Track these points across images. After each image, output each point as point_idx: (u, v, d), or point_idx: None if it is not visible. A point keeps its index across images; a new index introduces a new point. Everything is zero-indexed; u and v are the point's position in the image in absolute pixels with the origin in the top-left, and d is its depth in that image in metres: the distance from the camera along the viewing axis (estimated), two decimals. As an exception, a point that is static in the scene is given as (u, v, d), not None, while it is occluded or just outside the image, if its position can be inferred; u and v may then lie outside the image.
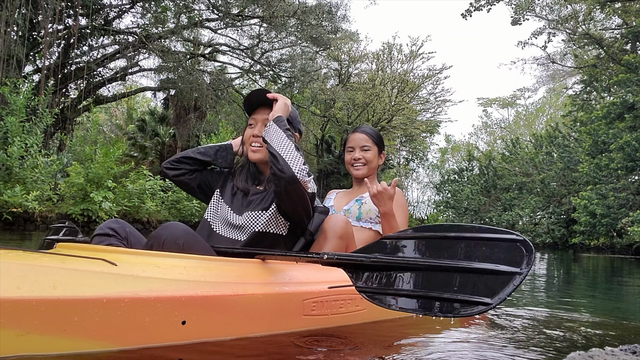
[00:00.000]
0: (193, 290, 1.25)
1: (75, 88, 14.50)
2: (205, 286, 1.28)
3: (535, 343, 1.68)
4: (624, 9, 14.72)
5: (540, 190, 17.45)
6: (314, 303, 1.53)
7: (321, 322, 1.57)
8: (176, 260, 1.33)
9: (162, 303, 1.19)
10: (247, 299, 1.35)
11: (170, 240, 1.45)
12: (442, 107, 24.05)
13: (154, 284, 1.20)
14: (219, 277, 1.34)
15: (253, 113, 1.81)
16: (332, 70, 21.84)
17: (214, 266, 1.39)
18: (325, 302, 1.58)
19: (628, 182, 12.09)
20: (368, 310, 1.74)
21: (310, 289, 1.54)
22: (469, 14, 16.01)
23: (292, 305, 1.48)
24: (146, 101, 28.03)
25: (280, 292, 1.46)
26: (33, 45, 12.03)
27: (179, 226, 1.51)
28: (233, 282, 1.35)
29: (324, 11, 15.52)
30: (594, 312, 2.70)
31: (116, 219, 1.69)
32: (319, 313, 1.55)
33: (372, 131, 2.44)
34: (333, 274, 1.64)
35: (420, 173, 34.06)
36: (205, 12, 15.23)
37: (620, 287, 4.61)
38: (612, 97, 13.91)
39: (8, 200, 7.77)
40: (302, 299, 1.50)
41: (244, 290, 1.36)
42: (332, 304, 1.60)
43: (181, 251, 1.42)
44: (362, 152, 2.37)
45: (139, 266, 1.24)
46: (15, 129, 8.12)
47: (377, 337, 1.65)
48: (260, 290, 1.40)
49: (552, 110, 32.12)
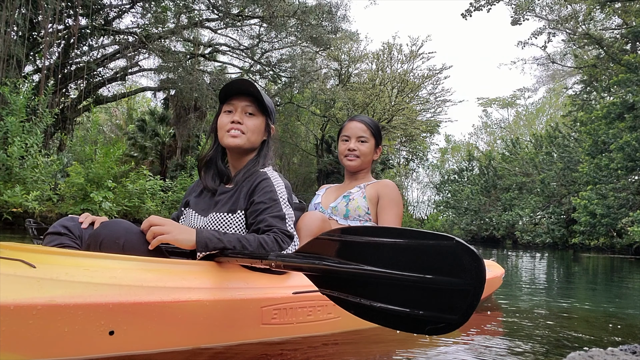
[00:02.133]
0: (124, 296, 1.10)
1: (75, 88, 14.50)
2: (140, 291, 1.14)
3: (535, 343, 1.68)
4: (624, 9, 14.71)
5: (540, 190, 17.44)
6: (275, 310, 1.38)
7: (285, 331, 1.42)
8: (110, 262, 1.19)
9: (84, 310, 1.05)
10: (191, 306, 1.21)
11: (109, 239, 1.32)
12: (442, 107, 24.07)
13: (76, 288, 1.06)
14: (159, 282, 1.20)
15: (230, 99, 1.71)
16: (332, 70, 21.84)
17: (155, 269, 1.24)
18: (289, 309, 1.42)
19: (628, 182, 12.08)
20: (343, 319, 1.57)
21: (270, 295, 1.39)
22: (469, 14, 16.01)
23: (247, 313, 1.33)
24: (146, 101, 28.03)
25: (232, 298, 1.30)
26: (33, 45, 12.03)
27: (120, 224, 1.37)
28: (175, 286, 1.21)
29: (324, 11, 15.51)
30: (594, 312, 2.70)
31: (71, 216, 1.56)
32: (282, 321, 1.40)
33: (371, 122, 2.28)
34: (299, 278, 1.48)
35: (420, 173, 34.07)
36: (205, 12, 15.24)
37: (620, 287, 4.61)
38: (612, 97, 13.90)
39: (8, 200, 7.77)
40: (260, 305, 1.35)
41: (187, 296, 1.21)
42: (298, 312, 1.45)
43: (121, 252, 1.29)
44: (358, 143, 2.21)
45: (63, 268, 1.11)
46: (15, 129, 8.12)
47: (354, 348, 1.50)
48: (208, 296, 1.25)
49: (552, 110, 32.12)
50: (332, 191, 2.31)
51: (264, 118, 1.72)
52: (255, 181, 1.62)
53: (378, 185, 2.17)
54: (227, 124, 1.68)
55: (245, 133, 1.67)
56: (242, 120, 1.67)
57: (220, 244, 1.38)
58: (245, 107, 1.68)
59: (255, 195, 1.58)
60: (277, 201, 1.55)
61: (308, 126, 23.33)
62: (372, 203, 2.12)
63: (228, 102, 1.71)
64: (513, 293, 3.41)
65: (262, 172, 1.66)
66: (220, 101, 1.74)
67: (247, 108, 1.68)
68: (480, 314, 2.33)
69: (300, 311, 1.46)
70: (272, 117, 1.77)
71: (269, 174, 1.65)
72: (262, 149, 1.75)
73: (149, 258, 1.28)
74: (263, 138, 1.75)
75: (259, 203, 1.54)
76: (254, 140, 1.70)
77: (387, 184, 2.16)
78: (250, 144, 1.69)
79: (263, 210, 1.52)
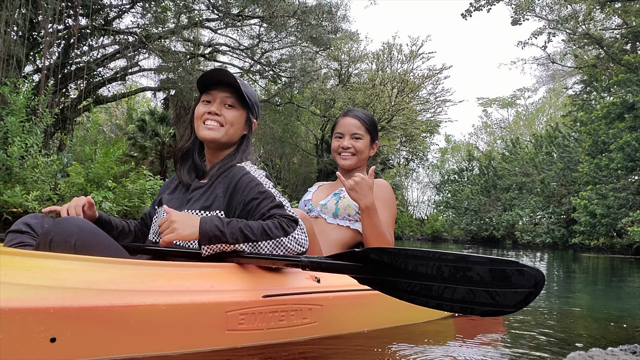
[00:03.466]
0: (69, 300, 1.01)
1: (75, 88, 14.50)
2: (87, 295, 1.05)
3: (535, 343, 1.68)
4: (624, 9, 14.71)
5: (540, 190, 17.44)
6: (242, 315, 1.28)
7: (253, 338, 1.32)
8: (55, 262, 1.10)
9: (22, 315, 0.96)
10: (145, 311, 1.11)
11: (60, 238, 1.22)
12: (442, 107, 24.08)
13: (14, 291, 0.98)
14: (110, 284, 1.10)
15: (209, 89, 1.61)
16: (332, 70, 21.85)
17: (107, 270, 1.14)
18: (259, 314, 1.31)
19: (628, 182, 12.08)
20: (321, 324, 1.48)
21: (237, 299, 1.28)
22: (469, 14, 16.01)
23: (209, 318, 1.22)
24: (146, 101, 28.04)
25: (192, 303, 1.19)
26: (33, 45, 12.03)
27: (72, 221, 1.27)
28: (128, 289, 1.11)
29: (324, 11, 15.51)
30: (593, 311, 2.70)
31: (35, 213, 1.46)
32: (250, 327, 1.29)
33: (366, 116, 2.14)
34: (271, 280, 1.41)
35: (420, 173, 34.03)
36: (205, 12, 15.24)
37: (620, 287, 4.61)
38: (612, 97, 13.90)
39: (8, 200, 7.77)
40: (225, 310, 1.25)
41: (140, 300, 1.11)
42: (269, 316, 1.34)
43: (73, 252, 1.20)
44: (353, 140, 2.09)
45: (1, 269, 1.03)
46: (15, 129, 8.12)
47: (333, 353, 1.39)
48: (165, 299, 1.15)
49: (552, 110, 32.12)
50: (325, 188, 2.22)
51: (244, 111, 1.63)
52: (235, 177, 1.51)
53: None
54: (203, 114, 1.58)
55: (223, 125, 1.57)
56: (220, 112, 1.57)
57: (222, 237, 1.31)
58: (224, 98, 1.58)
59: (242, 193, 1.47)
60: (266, 192, 1.46)
61: (308, 126, 23.33)
62: None
63: (207, 92, 1.60)
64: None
65: (240, 166, 1.56)
66: (200, 91, 1.64)
67: (227, 99, 1.58)
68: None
69: (271, 316, 1.35)
70: (255, 111, 1.68)
71: (247, 167, 1.56)
72: (241, 143, 1.65)
73: (101, 258, 1.18)
74: (243, 132, 1.65)
75: (251, 201, 1.45)
76: (232, 133, 1.60)
77: (381, 183, 2.05)
78: (228, 137, 1.59)
79: (257, 205, 1.44)
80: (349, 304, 1.60)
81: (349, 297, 1.58)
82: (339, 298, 1.56)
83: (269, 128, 20.27)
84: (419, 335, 1.71)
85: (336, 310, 1.55)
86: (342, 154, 2.12)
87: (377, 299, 1.59)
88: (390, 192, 2.05)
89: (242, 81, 1.63)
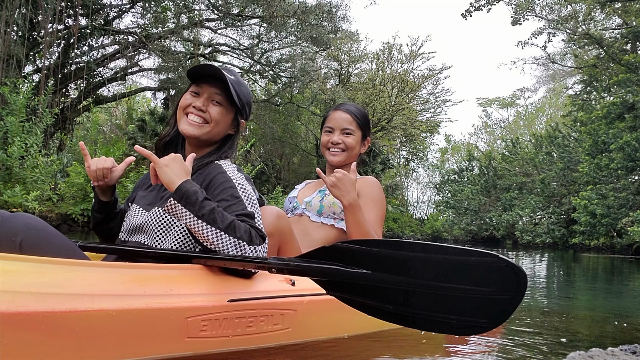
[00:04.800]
0: (5, 305, 0.94)
1: (75, 88, 14.50)
2: (27, 299, 0.96)
3: (535, 343, 1.68)
4: (624, 9, 14.71)
5: (540, 190, 17.44)
6: (204, 321, 1.18)
7: (218, 345, 1.22)
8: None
9: None
10: (92, 317, 1.02)
11: (4, 237, 1.13)
12: (442, 107, 24.08)
13: None
14: (55, 287, 1.01)
15: (200, 81, 1.51)
16: (332, 70, 21.84)
17: (53, 272, 1.05)
18: (223, 320, 1.22)
19: (628, 182, 12.08)
20: (294, 330, 1.38)
21: (198, 303, 1.18)
22: (469, 14, 16.01)
23: (167, 324, 1.13)
24: (146, 101, 28.02)
25: (147, 307, 1.10)
26: (33, 45, 12.03)
27: (19, 218, 1.17)
28: (74, 293, 1.02)
29: (324, 11, 15.51)
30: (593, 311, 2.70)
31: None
32: (214, 334, 1.20)
33: (358, 111, 2.05)
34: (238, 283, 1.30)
35: (420, 173, 34.03)
36: (205, 12, 15.24)
37: (620, 287, 4.60)
38: (612, 97, 13.90)
39: (8, 200, 7.77)
40: (185, 316, 1.15)
41: (87, 304, 1.02)
42: (235, 322, 1.24)
43: (18, 252, 1.12)
44: (343, 135, 1.99)
45: None
46: (15, 129, 8.12)
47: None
48: (115, 304, 1.06)
49: (552, 110, 32.12)
50: (312, 186, 2.12)
51: (232, 110, 1.53)
52: (210, 175, 1.42)
53: (359, 182, 1.93)
54: (188, 106, 1.48)
55: (207, 122, 1.48)
56: (205, 108, 1.47)
57: (193, 203, 1.24)
58: (213, 94, 1.48)
59: (212, 193, 1.37)
60: (239, 199, 1.35)
61: (308, 126, 23.31)
62: None
63: (197, 84, 1.51)
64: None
65: (217, 164, 1.46)
66: (191, 80, 1.55)
67: (215, 95, 1.48)
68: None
69: (237, 322, 1.24)
70: (246, 112, 1.58)
71: (225, 167, 1.45)
72: (225, 143, 1.55)
73: (46, 259, 1.08)
74: (228, 132, 1.55)
75: (220, 202, 1.34)
76: (216, 133, 1.50)
77: (369, 180, 1.95)
78: (210, 136, 1.49)
79: (225, 208, 1.32)
80: (326, 307, 1.48)
81: (326, 300, 1.43)
82: (316, 302, 1.45)
83: (269, 128, 20.25)
84: (406, 340, 1.61)
85: (312, 314, 1.44)
86: (331, 149, 2.02)
87: None
88: (379, 189, 1.95)
89: (238, 79, 1.56)
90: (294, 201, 2.03)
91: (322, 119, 2.10)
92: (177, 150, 1.56)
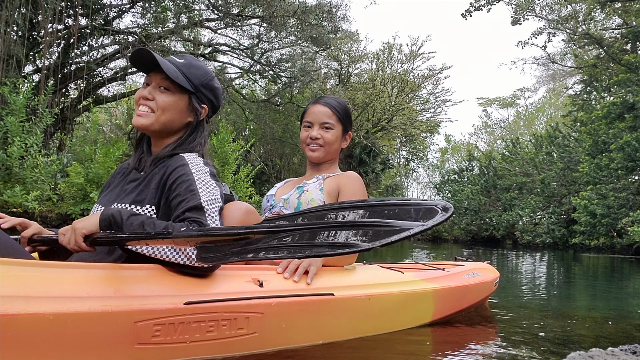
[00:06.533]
0: None
1: (75, 88, 14.50)
2: None
3: (535, 343, 1.68)
4: (624, 9, 14.70)
5: (540, 190, 17.43)
6: (157, 326, 1.08)
7: (173, 353, 1.12)
8: None
9: None
10: (26, 321, 0.93)
11: None
12: (442, 107, 24.07)
13: None
14: None
15: (149, 72, 1.45)
16: (332, 70, 21.84)
17: None
18: (179, 325, 1.11)
19: (628, 182, 12.08)
20: (261, 335, 1.27)
21: (149, 306, 1.08)
22: (469, 14, 16.01)
23: (114, 330, 1.03)
24: (146, 101, 28.05)
25: (90, 311, 1.00)
26: (33, 45, 12.03)
27: None
28: (7, 295, 0.95)
29: (324, 11, 15.51)
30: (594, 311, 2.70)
31: None
32: (168, 340, 1.10)
33: (338, 104, 1.95)
34: (196, 284, 1.20)
35: (420, 173, 34.02)
36: (205, 12, 15.24)
37: (620, 287, 4.60)
38: (612, 97, 13.89)
39: (8, 200, 7.77)
40: (134, 320, 1.05)
41: (22, 307, 0.93)
42: (193, 327, 1.13)
43: None
44: (322, 130, 1.90)
45: None
46: (15, 129, 8.12)
47: None
48: (53, 307, 0.96)
49: (552, 110, 32.11)
50: (290, 183, 2.04)
51: (184, 95, 1.43)
52: (169, 168, 1.34)
53: (340, 177, 1.87)
54: (139, 98, 1.42)
55: (154, 111, 1.39)
56: (151, 96, 1.40)
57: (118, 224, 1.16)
58: (160, 80, 1.41)
59: (169, 187, 1.31)
60: (194, 192, 1.27)
61: (308, 126, 23.30)
62: (330, 196, 1.80)
63: (148, 75, 1.45)
64: (513, 293, 3.41)
65: (179, 157, 1.38)
66: (144, 72, 1.48)
67: (162, 82, 1.40)
68: (480, 314, 2.32)
69: (196, 327, 1.14)
70: (205, 95, 1.48)
71: (188, 159, 1.37)
72: (187, 132, 1.46)
73: None
74: (187, 119, 1.46)
75: (175, 197, 1.27)
76: (166, 121, 1.41)
77: (350, 175, 1.88)
78: (160, 125, 1.40)
79: (177, 204, 1.26)
80: (298, 310, 1.38)
81: (298, 302, 1.36)
82: (286, 304, 1.34)
83: (269, 128, 20.25)
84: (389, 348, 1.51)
85: (282, 318, 1.33)
86: (310, 145, 1.93)
87: (336, 304, 1.45)
88: (360, 184, 1.85)
89: (190, 61, 1.46)
90: (272, 199, 1.96)
91: (302, 113, 2.02)
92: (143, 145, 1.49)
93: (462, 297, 2.12)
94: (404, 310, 1.77)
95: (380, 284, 1.72)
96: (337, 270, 1.65)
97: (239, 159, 11.18)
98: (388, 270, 1.93)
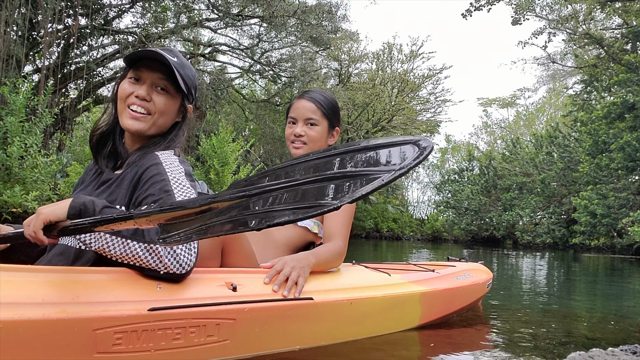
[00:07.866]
0: None
1: (75, 88, 14.50)
2: None
3: (535, 343, 1.67)
4: (624, 9, 14.70)
5: (540, 190, 17.43)
6: (118, 334, 1.02)
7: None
8: None
9: None
10: None
11: None
12: (442, 107, 24.06)
13: None
14: None
15: (139, 65, 1.31)
16: (332, 70, 21.84)
17: None
18: (142, 332, 1.05)
19: (628, 182, 12.07)
20: (233, 342, 1.21)
21: (110, 313, 1.02)
22: (469, 14, 16.01)
23: (70, 338, 0.96)
24: (146, 101, 28.08)
25: (44, 319, 0.94)
26: (33, 45, 12.03)
27: None
28: None
29: (324, 11, 15.51)
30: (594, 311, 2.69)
31: None
32: (130, 349, 1.03)
33: (323, 98, 1.84)
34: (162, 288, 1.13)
35: (420, 173, 34.01)
36: (205, 11, 15.25)
37: (621, 287, 4.60)
38: (613, 97, 13.89)
39: (8, 200, 7.77)
40: (92, 327, 0.99)
41: None
42: (158, 335, 1.07)
43: None
44: (306, 127, 1.80)
45: None
46: (15, 129, 8.12)
47: None
48: (4, 314, 0.91)
49: (552, 110, 32.11)
50: None
51: (179, 96, 1.36)
52: (143, 167, 1.25)
53: None
54: (129, 95, 1.30)
55: (152, 114, 1.31)
56: (149, 97, 1.30)
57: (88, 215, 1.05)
58: (157, 80, 1.31)
59: (142, 187, 1.22)
60: (169, 192, 1.18)
61: (308, 126, 23.32)
62: None
63: (136, 68, 1.31)
64: (513, 293, 3.40)
65: (153, 155, 1.29)
66: (127, 65, 1.35)
67: (159, 81, 1.31)
68: (480, 314, 2.32)
69: (161, 334, 1.07)
70: (192, 96, 1.41)
71: (162, 157, 1.28)
72: (171, 131, 1.39)
73: None
74: (175, 120, 1.40)
75: (147, 197, 1.18)
76: (162, 123, 1.34)
77: None
78: (157, 128, 1.34)
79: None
80: (273, 315, 1.31)
81: (273, 307, 1.29)
82: (260, 309, 1.27)
83: (269, 128, 20.25)
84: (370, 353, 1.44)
85: (255, 324, 1.26)
86: (294, 142, 1.82)
87: (315, 309, 1.38)
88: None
89: (182, 60, 1.37)
90: None
91: (287, 109, 1.92)
92: (115, 141, 1.37)
93: (451, 300, 2.06)
94: (388, 315, 1.71)
95: (364, 287, 1.66)
96: (319, 274, 1.57)
97: (238, 159, 11.17)
98: (374, 272, 1.87)
